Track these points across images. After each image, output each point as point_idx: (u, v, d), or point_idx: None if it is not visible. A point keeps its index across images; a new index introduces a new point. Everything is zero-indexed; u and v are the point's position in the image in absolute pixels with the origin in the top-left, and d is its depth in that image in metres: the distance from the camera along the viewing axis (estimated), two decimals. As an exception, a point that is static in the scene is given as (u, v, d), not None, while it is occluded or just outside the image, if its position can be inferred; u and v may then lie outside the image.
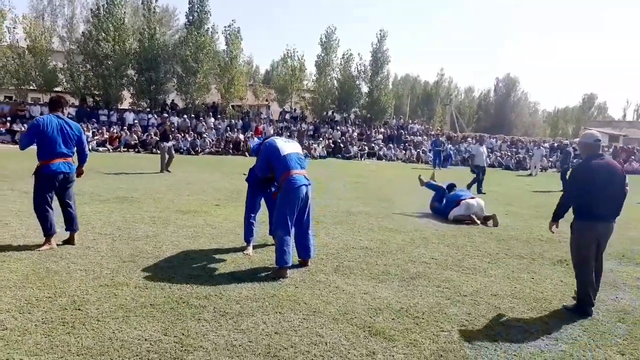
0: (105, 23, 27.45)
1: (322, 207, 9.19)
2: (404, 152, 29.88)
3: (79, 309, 3.74)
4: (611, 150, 31.57)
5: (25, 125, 23.56)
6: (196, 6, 29.29)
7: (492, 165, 27.63)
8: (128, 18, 34.21)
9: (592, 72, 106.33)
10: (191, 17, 29.52)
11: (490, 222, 8.44)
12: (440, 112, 56.41)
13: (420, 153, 29.40)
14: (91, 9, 29.21)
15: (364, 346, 3.40)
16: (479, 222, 8.34)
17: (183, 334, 3.42)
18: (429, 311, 4.11)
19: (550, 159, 29.94)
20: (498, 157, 29.63)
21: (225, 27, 31.28)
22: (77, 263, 4.85)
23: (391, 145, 31.07)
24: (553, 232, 4.59)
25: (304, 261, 5.24)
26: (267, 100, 37.31)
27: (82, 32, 30.00)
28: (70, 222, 5.61)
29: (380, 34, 35.83)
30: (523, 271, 5.58)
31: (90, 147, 21.85)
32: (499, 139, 35.94)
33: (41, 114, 25.90)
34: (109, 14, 27.78)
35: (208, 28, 29.77)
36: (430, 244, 6.65)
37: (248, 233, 5.74)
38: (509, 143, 34.67)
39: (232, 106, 32.36)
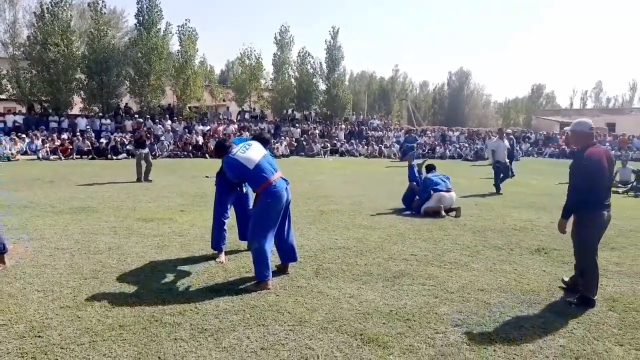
0: (50, 26, 26.09)
1: (293, 207, 8.89)
2: (366, 147, 29.92)
3: (39, 336, 3.34)
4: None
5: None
6: (145, 6, 28.26)
7: (452, 157, 28.09)
8: (75, 20, 32.75)
9: (540, 62, 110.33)
10: (140, 18, 28.47)
11: (453, 213, 8.40)
12: (397, 107, 57.01)
13: (383, 148, 29.51)
14: (34, 12, 27.69)
15: (358, 356, 3.17)
16: (443, 213, 8.28)
17: (159, 358, 3.10)
18: (419, 312, 3.93)
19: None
20: (457, 149, 30.12)
21: (178, 26, 30.39)
22: (33, 283, 4.40)
23: (353, 141, 31.06)
24: (565, 232, 4.28)
25: (283, 266, 4.95)
26: (224, 100, 36.56)
27: (27, 37, 28.44)
28: None
29: (332, 30, 35.75)
30: (504, 262, 5.50)
31: (40, 155, 20.76)
32: (456, 132, 36.58)
33: (-16, 122, 24.40)
34: (53, 16, 26.42)
35: (159, 28, 28.81)
36: (408, 239, 6.50)
37: (219, 239, 5.40)
38: (466, 135, 35.34)
39: (189, 107, 31.50)
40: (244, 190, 5.54)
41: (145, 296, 4.16)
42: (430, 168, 9.31)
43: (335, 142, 30.17)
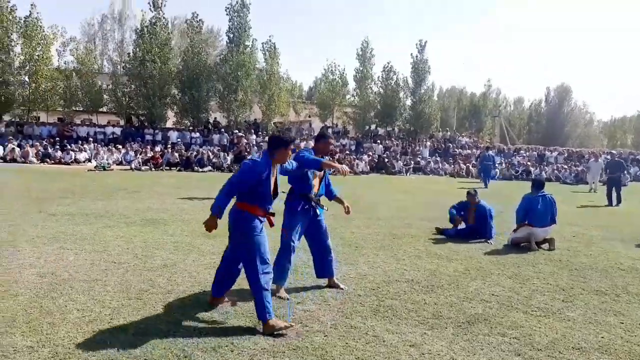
0: (149, 44, 27.89)
1: (362, 229, 8.35)
2: (452, 166, 28.52)
3: (59, 365, 3.06)
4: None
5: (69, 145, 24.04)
6: (236, 23, 29.34)
7: (548, 180, 25.85)
8: (175, 40, 34.93)
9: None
10: (231, 35, 29.60)
11: (546, 246, 7.32)
12: (489, 124, 54.28)
13: (470, 167, 27.96)
14: (135, 30, 29.86)
15: None
16: (534, 245, 7.22)
17: (175, 407, 2.66)
18: (495, 374, 3.18)
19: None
20: (555, 171, 27.74)
21: (262, 43, 31.25)
22: (76, 300, 4.22)
23: (438, 159, 29.80)
24: None
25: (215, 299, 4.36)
26: (309, 116, 36.92)
27: (128, 54, 30.69)
28: None
29: (419, 44, 34.82)
30: (608, 312, 4.52)
31: (133, 165, 21.98)
32: (554, 152, 33.86)
33: (87, 134, 26.50)
34: (152, 34, 28.23)
35: (247, 45, 29.75)
36: (489, 275, 5.65)
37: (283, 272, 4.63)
38: (565, 155, 32.58)
39: (274, 123, 32.10)
40: (318, 213, 4.81)
41: (182, 325, 3.80)
42: (539, 185, 7.78)
43: (418, 159, 29.11)
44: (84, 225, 7.72)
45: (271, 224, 4.04)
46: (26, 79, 26.97)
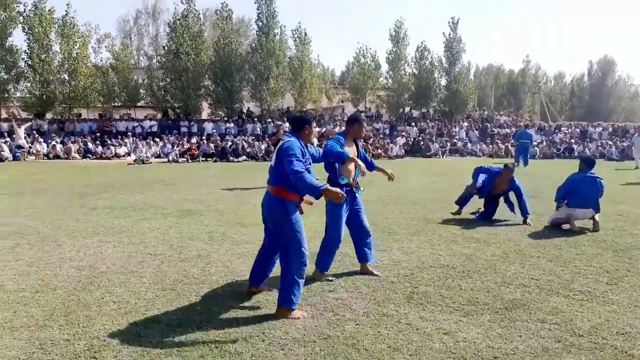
0: (182, 37, 28.23)
1: (396, 214, 8.22)
2: (490, 146, 27.77)
3: (94, 357, 3.13)
4: None
5: (112, 140, 24.73)
6: (264, 11, 29.29)
7: (593, 156, 24.80)
8: (208, 32, 35.22)
9: None
10: (260, 24, 29.59)
11: (590, 226, 6.99)
12: (529, 101, 52.44)
13: (509, 146, 27.14)
14: (168, 23, 30.27)
15: None
16: (576, 225, 6.90)
17: (205, 398, 2.68)
18: (534, 362, 3.05)
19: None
20: (599, 148, 26.60)
21: (292, 30, 31.11)
22: (113, 293, 4.32)
23: (475, 139, 29.07)
24: None
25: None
26: (342, 102, 36.67)
27: (162, 47, 31.19)
28: None
29: (452, 22, 33.84)
30: (657, 296, 4.27)
31: (170, 158, 22.43)
32: (598, 127, 32.43)
33: (126, 129, 27.17)
34: (184, 27, 28.55)
35: (276, 33, 29.68)
36: (529, 258, 5.45)
37: (328, 262, 4.75)
38: (610, 131, 31.16)
39: (306, 110, 32.06)
40: (357, 196, 4.74)
41: (215, 314, 3.83)
42: (589, 163, 7.32)
43: (455, 140, 28.48)
44: (123, 218, 7.92)
45: (301, 212, 4.00)
46: (65, 77, 27.85)
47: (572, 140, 28.31)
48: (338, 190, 3.62)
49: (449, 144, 27.68)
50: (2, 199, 9.86)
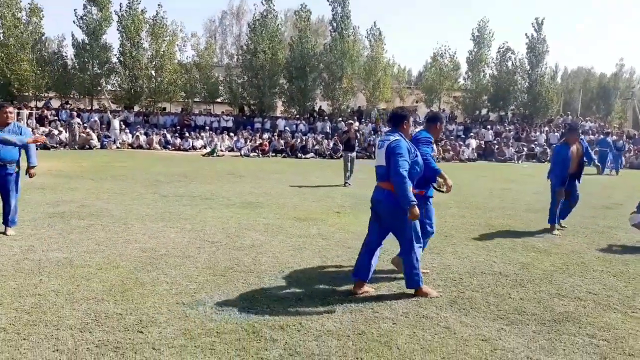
0: (260, 36, 29.11)
1: (456, 218, 8.02)
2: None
3: (141, 332, 3.37)
4: None
5: (189, 133, 26.03)
6: (339, 12, 29.48)
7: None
8: (288, 31, 36.05)
9: None
10: (335, 24, 29.83)
11: None
12: (620, 107, 48.60)
13: (593, 154, 25.38)
14: (248, 23, 31.33)
15: None
16: None
17: (234, 378, 2.80)
18: (575, 379, 2.89)
19: None
20: (699, 159, 24.17)
21: (367, 30, 31.06)
22: (168, 274, 4.60)
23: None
24: None
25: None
26: (416, 102, 36.05)
27: (241, 46, 32.35)
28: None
29: (536, 22, 32.20)
30: None
31: (242, 152, 23.22)
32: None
33: (204, 123, 28.45)
34: (263, 27, 29.42)
35: (350, 34, 29.78)
36: (590, 271, 5.12)
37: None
38: None
39: (377, 110, 31.87)
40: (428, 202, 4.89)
41: (257, 302, 3.97)
42: None
43: (533, 145, 27.09)
44: (189, 206, 8.36)
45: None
46: (152, 72, 29.68)
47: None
48: (417, 214, 3.96)
49: (525, 148, 26.38)
50: (86, 183, 10.75)
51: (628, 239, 6.74)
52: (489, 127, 29.78)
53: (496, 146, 25.93)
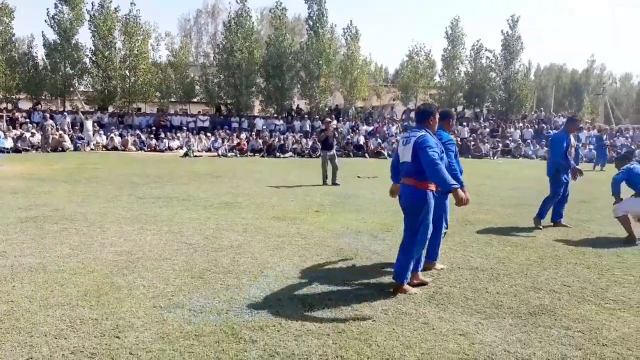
0: (235, 35, 28.90)
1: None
2: (545, 148, 26.64)
3: (118, 337, 3.30)
4: None
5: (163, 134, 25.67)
6: (315, 11, 29.47)
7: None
8: (265, 30, 35.84)
9: None
10: (310, 22, 29.82)
11: None
12: (589, 103, 49.80)
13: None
14: (223, 22, 31.08)
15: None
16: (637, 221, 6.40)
17: (213, 381, 2.78)
18: (550, 370, 2.95)
19: None
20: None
21: (343, 28, 31.13)
22: (144, 277, 4.53)
23: (529, 141, 28.00)
24: None
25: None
26: (393, 100, 36.30)
27: (217, 45, 32.08)
28: None
29: (511, 19, 32.82)
30: (702, 310, 3.99)
31: (220, 152, 23.03)
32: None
33: (180, 123, 28.12)
34: (238, 25, 29.21)
35: (325, 32, 29.82)
36: (564, 264, 5.23)
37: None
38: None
39: (355, 108, 32.00)
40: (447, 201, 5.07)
41: (236, 303, 3.94)
42: (627, 157, 6.83)
43: (507, 142, 27.57)
44: (166, 207, 8.25)
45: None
46: (127, 72, 29.20)
47: (634, 147, 26.66)
48: (465, 196, 3.94)
49: (500, 144, 26.83)
50: (59, 186, 10.51)
51: (600, 232, 6.93)
52: (464, 123, 30.18)
53: (472, 142, 26.30)
